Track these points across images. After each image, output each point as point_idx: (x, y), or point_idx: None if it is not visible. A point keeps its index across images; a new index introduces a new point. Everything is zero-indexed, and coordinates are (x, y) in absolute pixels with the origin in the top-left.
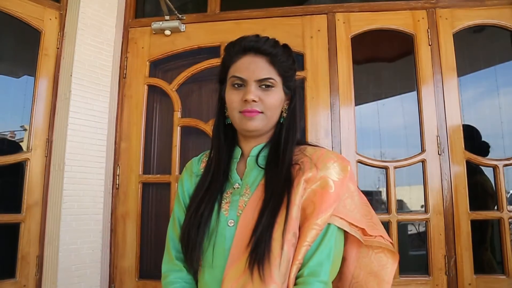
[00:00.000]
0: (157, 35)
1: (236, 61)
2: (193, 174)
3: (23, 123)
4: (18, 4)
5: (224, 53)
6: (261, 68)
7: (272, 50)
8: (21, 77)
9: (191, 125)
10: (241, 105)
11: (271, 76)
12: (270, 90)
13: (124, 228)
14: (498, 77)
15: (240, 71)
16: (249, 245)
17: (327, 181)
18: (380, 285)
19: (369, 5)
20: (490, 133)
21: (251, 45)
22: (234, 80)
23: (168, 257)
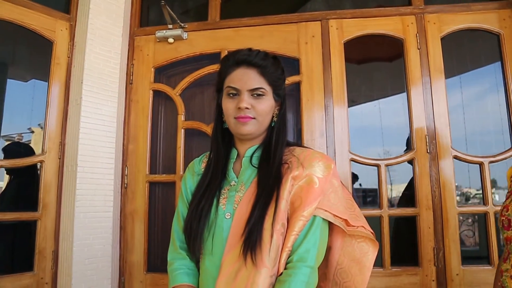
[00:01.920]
0: (161, 43)
1: (231, 73)
2: (195, 173)
3: (30, 126)
4: (32, 18)
5: (220, 65)
6: (253, 79)
7: (262, 63)
8: (29, 81)
9: (194, 128)
10: (236, 112)
11: (262, 86)
12: (261, 98)
13: (132, 224)
14: (484, 78)
15: (234, 82)
16: (243, 235)
17: (312, 178)
18: (361, 270)
19: (361, 12)
20: (477, 131)
21: (243, 58)
22: (229, 90)
23: (173, 247)
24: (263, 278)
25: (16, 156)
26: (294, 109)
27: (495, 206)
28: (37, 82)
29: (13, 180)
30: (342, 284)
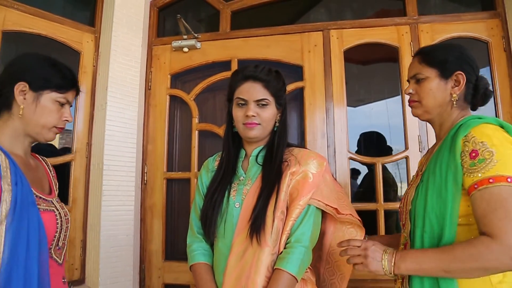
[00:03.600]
0: (176, 52)
1: (240, 86)
2: (209, 170)
3: None
4: (62, 31)
5: (231, 79)
6: (258, 91)
7: (266, 78)
8: None
9: (207, 129)
10: (244, 119)
11: (266, 97)
12: (265, 107)
13: (151, 217)
14: None
15: (243, 94)
16: (250, 220)
17: (307, 173)
18: None
19: (359, 22)
20: None
21: (250, 74)
22: (238, 101)
23: (191, 232)
24: (266, 255)
25: (47, 155)
26: (297, 112)
27: None
28: None
29: None
30: (333, 263)
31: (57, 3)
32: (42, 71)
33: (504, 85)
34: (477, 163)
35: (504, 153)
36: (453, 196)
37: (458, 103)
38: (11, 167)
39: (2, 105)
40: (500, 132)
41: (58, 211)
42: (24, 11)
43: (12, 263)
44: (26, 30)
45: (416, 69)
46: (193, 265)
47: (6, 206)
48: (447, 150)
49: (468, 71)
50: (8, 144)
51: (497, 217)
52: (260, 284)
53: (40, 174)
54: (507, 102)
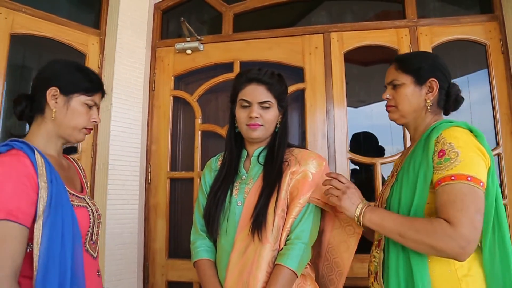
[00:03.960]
0: (180, 54)
1: (244, 88)
2: (212, 170)
3: None
4: (68, 34)
5: (235, 81)
6: (261, 93)
7: (269, 80)
8: None
9: (210, 130)
10: (247, 120)
11: (269, 99)
12: (268, 109)
13: (155, 216)
14: (472, 84)
15: (246, 96)
16: (252, 218)
17: (307, 173)
18: (348, 248)
19: (360, 25)
20: None
21: (254, 76)
22: (242, 102)
23: (195, 229)
24: (267, 251)
25: None
26: (298, 113)
27: None
28: None
29: None
30: (332, 260)
31: (63, 6)
32: (71, 76)
33: (501, 87)
34: (443, 162)
35: (468, 154)
36: (422, 192)
37: (432, 108)
38: (46, 166)
39: (36, 110)
40: (467, 135)
41: (90, 207)
42: (32, 15)
43: (48, 255)
44: (33, 33)
45: (393, 75)
46: (197, 261)
47: (43, 202)
48: (421, 150)
49: (441, 78)
50: (42, 146)
51: (455, 208)
52: (261, 279)
53: (72, 173)
54: (505, 104)
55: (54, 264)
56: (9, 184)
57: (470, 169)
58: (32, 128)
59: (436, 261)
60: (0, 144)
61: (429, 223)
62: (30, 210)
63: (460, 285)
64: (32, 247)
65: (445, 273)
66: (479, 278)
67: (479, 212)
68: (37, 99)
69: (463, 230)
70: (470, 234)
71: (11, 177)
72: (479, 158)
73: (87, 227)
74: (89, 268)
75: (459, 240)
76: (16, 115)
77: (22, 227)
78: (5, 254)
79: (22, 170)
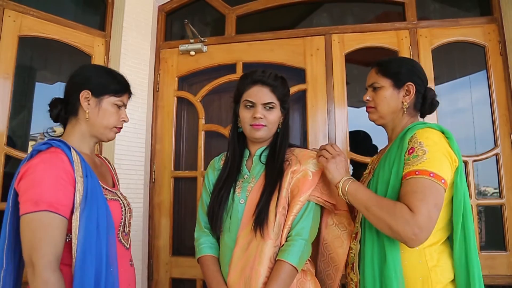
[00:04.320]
0: (183, 55)
1: (248, 89)
2: (215, 169)
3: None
4: (74, 36)
5: (239, 82)
6: (265, 95)
7: (274, 83)
8: (55, 83)
9: (213, 130)
10: (251, 120)
11: (272, 100)
12: (272, 110)
13: (159, 214)
14: (472, 85)
15: (251, 97)
16: (254, 215)
17: (307, 172)
18: (342, 244)
19: (360, 27)
20: (463, 133)
21: (259, 78)
22: (246, 103)
23: (199, 227)
24: (268, 247)
25: None
26: (300, 114)
27: (477, 199)
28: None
29: None
30: (328, 255)
31: (70, 9)
32: (101, 79)
33: (500, 88)
34: (411, 158)
35: (434, 153)
36: (394, 186)
37: (408, 110)
38: (82, 163)
39: (70, 112)
40: (438, 136)
41: (122, 201)
42: (39, 17)
43: (85, 244)
44: (40, 35)
45: (373, 78)
46: (201, 257)
47: (79, 195)
48: (396, 149)
49: (418, 82)
50: (77, 145)
51: (416, 197)
52: (263, 274)
53: (104, 170)
54: (503, 105)
55: (91, 252)
56: (50, 179)
57: (434, 166)
58: (67, 129)
59: (408, 253)
60: (41, 143)
61: (393, 205)
62: (68, 202)
63: (430, 274)
64: (71, 237)
65: (416, 263)
66: (447, 268)
67: (437, 206)
68: (71, 102)
69: (420, 218)
70: (425, 223)
71: (51, 172)
72: (445, 158)
73: (120, 219)
74: (122, 258)
75: (414, 227)
76: (52, 118)
77: (62, 217)
78: (48, 242)
79: (60, 166)
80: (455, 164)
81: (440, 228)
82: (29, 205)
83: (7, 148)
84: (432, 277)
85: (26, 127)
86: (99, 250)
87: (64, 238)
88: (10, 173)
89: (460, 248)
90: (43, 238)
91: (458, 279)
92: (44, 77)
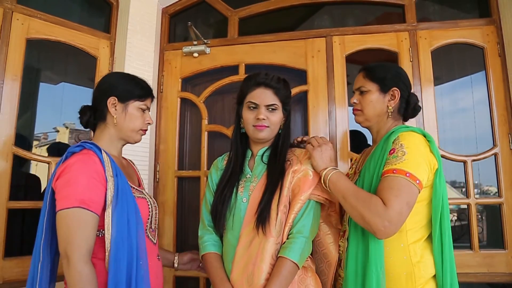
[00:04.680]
0: (187, 57)
1: (252, 91)
2: (218, 169)
3: (55, 125)
4: (80, 38)
5: (243, 83)
6: (269, 97)
7: (276, 85)
8: (59, 84)
9: (216, 130)
10: (255, 121)
11: (275, 102)
12: (274, 112)
13: (163, 213)
14: (471, 86)
15: (255, 98)
16: (256, 214)
17: (308, 172)
18: (332, 240)
19: (361, 29)
20: (463, 133)
21: (262, 81)
22: (250, 104)
23: (202, 225)
24: (270, 245)
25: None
26: (302, 114)
27: (477, 199)
28: (66, 85)
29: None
30: (320, 252)
31: (75, 12)
32: (126, 85)
33: (498, 89)
34: (391, 158)
35: (413, 155)
36: (377, 185)
37: (393, 114)
38: (112, 163)
39: (99, 118)
40: (419, 140)
41: (148, 199)
42: (46, 20)
43: (117, 238)
44: (47, 37)
45: (360, 82)
46: (205, 255)
47: (110, 193)
48: (380, 150)
49: (403, 88)
50: (106, 147)
51: (391, 193)
52: (265, 270)
53: (130, 171)
54: (502, 105)
55: (123, 245)
56: (82, 178)
57: (411, 167)
58: (96, 134)
59: (393, 249)
60: (74, 145)
61: (369, 197)
62: (100, 200)
63: (414, 269)
64: (103, 232)
65: (401, 259)
66: (429, 264)
67: (408, 205)
68: (99, 109)
69: (391, 212)
70: (395, 218)
71: (83, 172)
72: (423, 160)
73: (147, 215)
74: (151, 252)
75: (385, 220)
76: (82, 124)
77: (93, 214)
78: (80, 236)
79: (92, 166)
80: (434, 166)
81: (423, 225)
82: (64, 202)
83: (15, 148)
84: (416, 272)
85: (30, 127)
86: (130, 243)
87: (95, 233)
88: (18, 172)
89: (438, 245)
90: (76, 233)
91: (438, 274)
92: (48, 77)
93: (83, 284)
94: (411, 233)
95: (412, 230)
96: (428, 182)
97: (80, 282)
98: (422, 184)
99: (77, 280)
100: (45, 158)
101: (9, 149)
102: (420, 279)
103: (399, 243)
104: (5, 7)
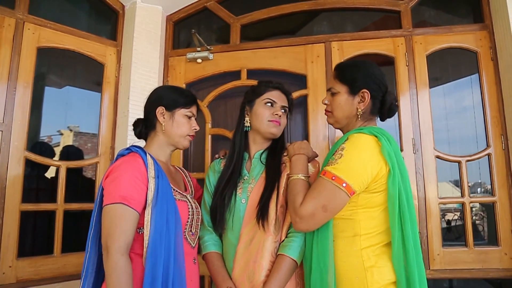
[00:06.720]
0: (191, 63)
1: (270, 91)
2: (215, 171)
3: (59, 128)
4: (87, 46)
5: (259, 85)
6: (284, 100)
7: (289, 94)
8: (63, 88)
9: (219, 134)
10: (271, 116)
11: (287, 105)
12: (284, 114)
13: None
14: (465, 89)
15: (274, 97)
16: (255, 213)
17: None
18: None
19: (359, 35)
20: (457, 134)
21: (279, 86)
22: (268, 101)
23: (203, 226)
24: (269, 243)
25: (74, 157)
26: (302, 117)
27: (471, 197)
28: (70, 89)
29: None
30: None
31: (83, 20)
32: (171, 95)
33: (491, 92)
34: (330, 160)
35: (347, 159)
36: None
37: (363, 116)
38: (155, 166)
39: (149, 128)
40: (364, 142)
41: (190, 203)
42: (56, 29)
43: (155, 235)
44: (57, 46)
45: (331, 83)
46: (206, 254)
47: (151, 193)
48: (331, 151)
49: (374, 88)
50: (155, 153)
51: (310, 194)
52: (265, 267)
53: (177, 177)
54: (494, 107)
55: (161, 242)
56: (126, 177)
57: (340, 170)
58: (147, 142)
59: (346, 252)
60: (124, 149)
61: (299, 194)
62: (140, 198)
63: (366, 274)
64: (143, 230)
65: (354, 263)
66: (386, 270)
67: (325, 208)
68: (149, 119)
69: (302, 210)
70: (306, 217)
71: (127, 172)
72: (360, 164)
73: (187, 218)
74: (188, 255)
75: (295, 215)
76: (136, 135)
77: (133, 210)
78: (120, 229)
79: (136, 167)
80: (382, 170)
81: (381, 231)
82: (109, 198)
83: (28, 153)
84: (368, 277)
85: (36, 130)
86: (168, 242)
87: (134, 229)
88: (30, 175)
89: (398, 250)
90: (116, 226)
91: (398, 281)
92: (53, 81)
93: (118, 274)
94: (366, 237)
95: (367, 235)
96: (381, 186)
97: (115, 272)
98: (351, 188)
99: (113, 269)
100: (56, 162)
101: (21, 154)
102: (373, 285)
103: (352, 248)
104: (17, 17)
